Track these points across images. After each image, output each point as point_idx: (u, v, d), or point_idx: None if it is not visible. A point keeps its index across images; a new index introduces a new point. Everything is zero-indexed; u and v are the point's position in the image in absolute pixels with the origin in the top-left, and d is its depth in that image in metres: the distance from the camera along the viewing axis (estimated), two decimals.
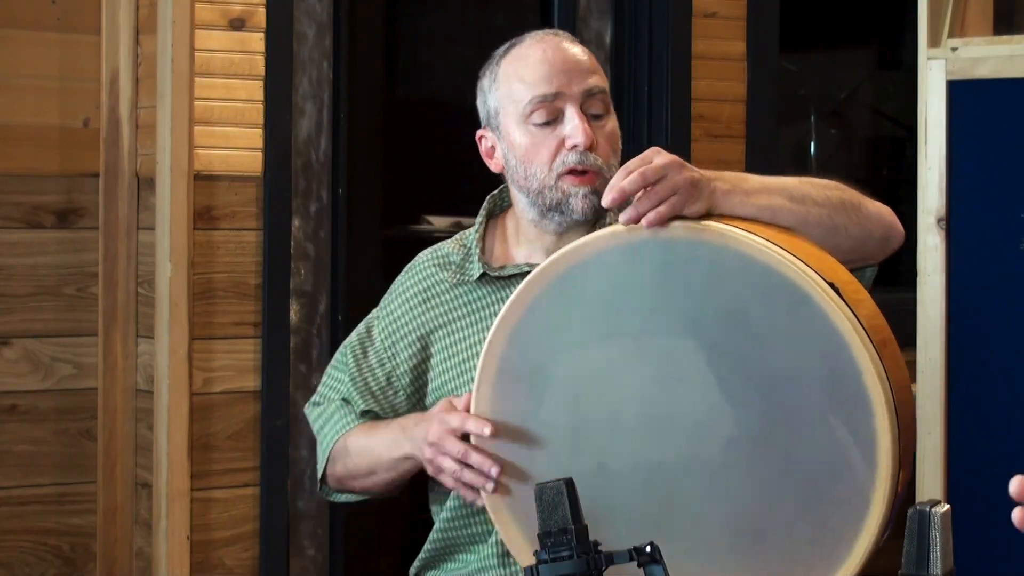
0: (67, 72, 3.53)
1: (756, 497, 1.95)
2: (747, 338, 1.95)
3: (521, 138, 2.28)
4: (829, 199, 2.15)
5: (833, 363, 1.90)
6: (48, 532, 3.54)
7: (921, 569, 1.75)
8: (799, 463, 1.93)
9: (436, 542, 2.37)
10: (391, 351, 2.38)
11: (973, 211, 3.18)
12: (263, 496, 3.59)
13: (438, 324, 2.36)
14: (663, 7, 4.10)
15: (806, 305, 1.91)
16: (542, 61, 2.27)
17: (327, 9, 3.74)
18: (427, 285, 2.39)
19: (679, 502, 1.98)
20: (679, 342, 1.98)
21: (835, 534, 1.92)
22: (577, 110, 2.26)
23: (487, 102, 2.35)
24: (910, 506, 1.82)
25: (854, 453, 1.90)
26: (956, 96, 3.18)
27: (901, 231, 2.27)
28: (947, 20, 3.21)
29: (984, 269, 3.17)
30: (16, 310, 3.50)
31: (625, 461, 2.00)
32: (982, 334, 3.18)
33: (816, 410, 1.92)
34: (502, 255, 2.37)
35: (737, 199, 2.06)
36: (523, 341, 2.05)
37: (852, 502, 1.91)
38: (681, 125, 4.10)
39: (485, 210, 2.41)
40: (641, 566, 1.73)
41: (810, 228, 2.10)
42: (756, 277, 1.93)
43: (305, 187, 3.71)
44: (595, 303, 2.02)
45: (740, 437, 1.95)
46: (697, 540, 1.97)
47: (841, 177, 2.29)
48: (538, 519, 1.73)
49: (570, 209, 2.26)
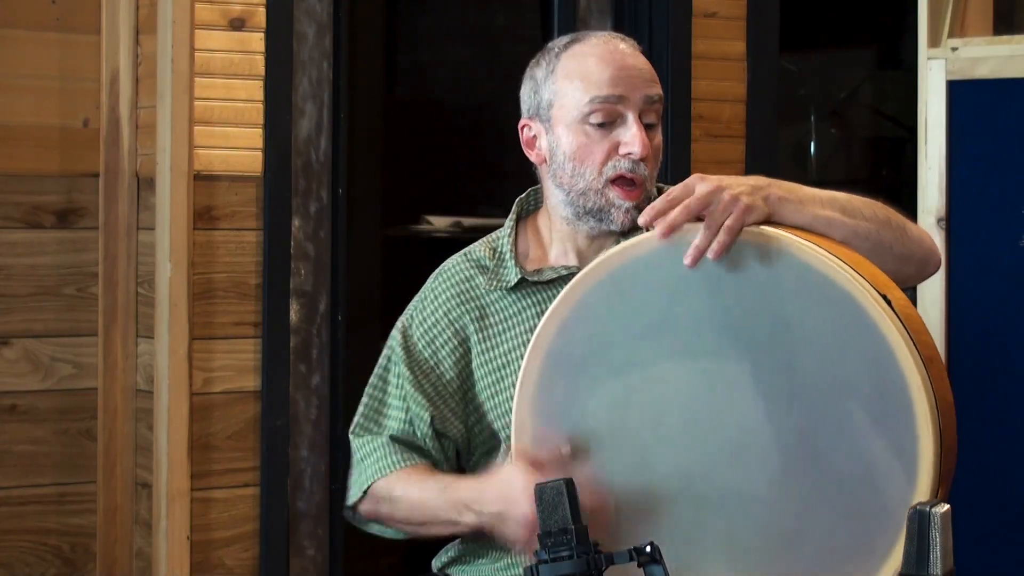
0: (67, 72, 3.53)
1: (794, 505, 1.94)
2: (796, 345, 1.94)
3: (575, 136, 2.27)
4: (876, 215, 2.15)
5: (881, 374, 1.90)
6: (48, 532, 3.54)
7: (921, 569, 1.75)
8: (839, 473, 1.92)
9: (470, 539, 2.35)
10: (436, 357, 2.35)
11: (973, 211, 3.18)
12: (263, 496, 3.59)
13: (476, 328, 2.34)
14: (663, 7, 4.10)
15: (858, 316, 1.91)
16: (610, 63, 2.26)
17: (327, 9, 3.74)
18: (464, 288, 2.36)
19: (717, 506, 1.98)
20: (728, 345, 1.97)
21: (871, 546, 1.91)
22: (636, 117, 2.25)
23: (539, 92, 2.32)
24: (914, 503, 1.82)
25: (895, 466, 1.90)
26: (956, 96, 3.18)
27: (939, 257, 2.29)
28: (947, 20, 3.21)
29: (984, 269, 3.16)
30: (16, 310, 3.50)
31: (666, 464, 2.00)
32: (982, 334, 3.17)
33: (860, 422, 1.91)
34: (536, 257, 2.35)
35: (792, 207, 2.06)
36: (572, 337, 2.04)
37: (890, 515, 1.90)
38: (681, 125, 4.10)
39: (515, 213, 2.39)
40: (641, 566, 1.73)
41: (860, 241, 2.10)
42: (809, 285, 1.93)
43: (305, 187, 3.71)
44: (646, 302, 2.01)
45: (781, 445, 1.95)
46: (732, 545, 1.97)
47: (841, 177, 2.29)
48: (538, 519, 1.73)
49: (610, 219, 2.26)
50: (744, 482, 1.96)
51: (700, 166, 4.07)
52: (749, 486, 1.96)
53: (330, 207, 3.74)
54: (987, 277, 3.17)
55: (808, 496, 1.94)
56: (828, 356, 1.93)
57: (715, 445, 1.97)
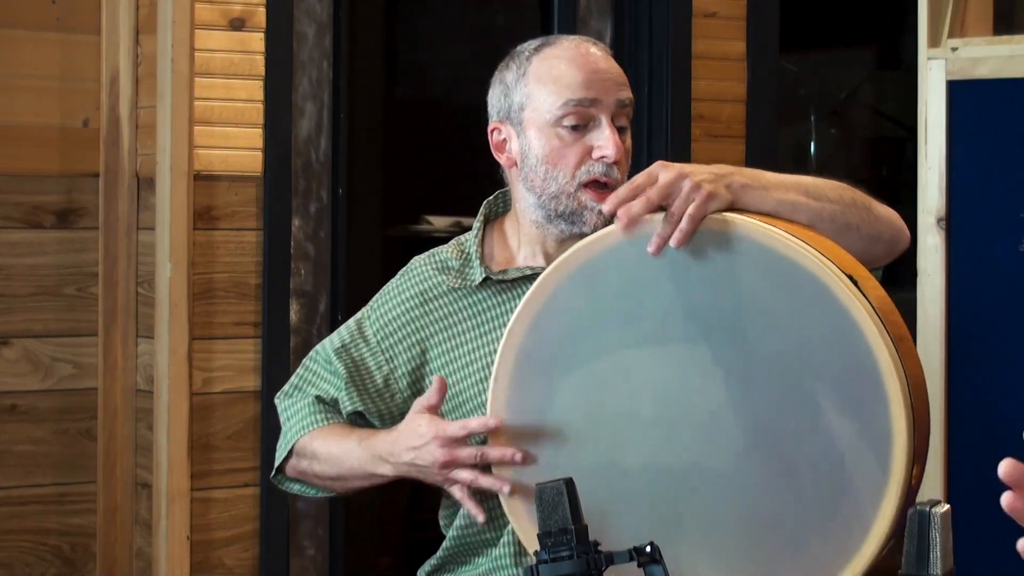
0: (67, 72, 3.53)
1: (770, 489, 1.95)
2: (765, 329, 1.95)
3: (547, 139, 2.27)
4: (842, 197, 2.16)
5: (850, 355, 1.91)
6: (48, 532, 3.54)
7: (921, 569, 1.75)
8: (814, 454, 1.93)
9: (449, 548, 2.36)
10: (388, 353, 2.36)
11: (973, 211, 3.18)
12: (263, 496, 3.59)
13: (437, 328, 2.34)
14: (663, 7, 4.10)
15: (825, 297, 1.92)
16: (582, 66, 2.26)
17: (327, 9, 3.74)
18: (425, 288, 2.36)
19: (693, 493, 1.99)
20: (697, 332, 1.98)
21: (848, 526, 1.92)
22: (609, 121, 2.25)
23: (510, 95, 2.31)
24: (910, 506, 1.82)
25: (869, 445, 1.91)
26: (956, 96, 3.18)
27: (907, 236, 2.29)
28: (947, 20, 3.21)
29: (984, 269, 3.16)
30: (16, 310, 3.50)
31: (640, 452, 2.01)
32: (982, 334, 3.17)
33: (831, 402, 1.92)
34: (503, 259, 2.36)
35: (756, 193, 2.07)
36: (544, 331, 2.05)
37: (866, 494, 1.91)
38: (681, 125, 4.10)
39: (482, 215, 2.39)
40: (641, 566, 1.73)
41: (825, 224, 2.11)
42: (776, 269, 1.94)
43: (305, 187, 3.71)
44: (615, 294, 2.02)
45: (755, 428, 1.96)
46: (710, 531, 1.98)
47: (841, 177, 2.29)
48: (538, 519, 1.74)
49: (582, 222, 2.26)
50: (719, 466, 1.97)
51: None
52: (724, 470, 1.97)
53: (330, 207, 3.74)
54: (987, 277, 3.17)
55: (784, 477, 1.95)
56: (797, 338, 1.94)
57: (689, 431, 1.99)
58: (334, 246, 3.75)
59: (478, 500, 2.16)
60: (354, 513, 3.91)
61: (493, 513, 2.23)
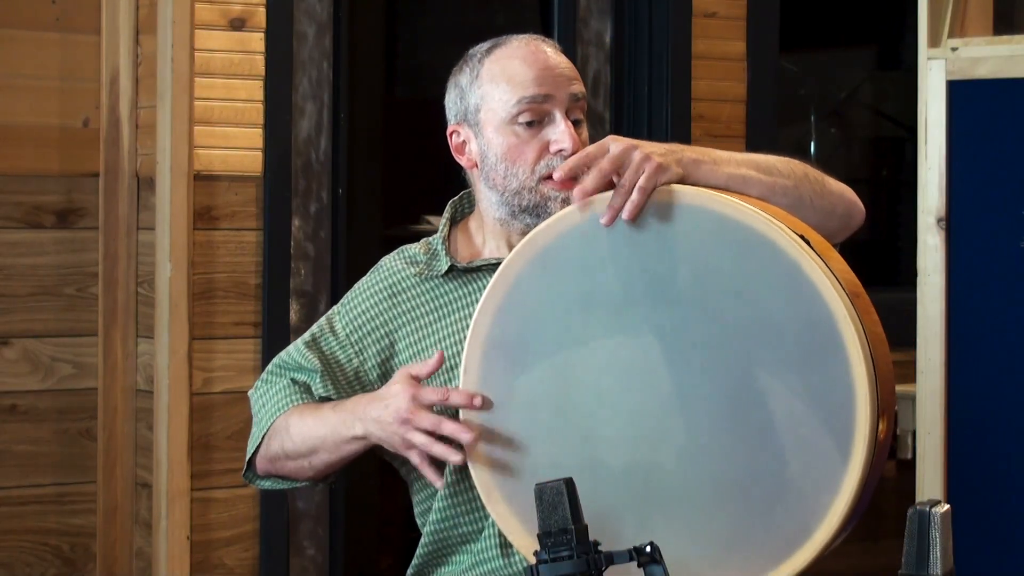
0: (67, 72, 3.53)
1: (739, 450, 1.97)
2: (721, 294, 1.98)
3: (504, 137, 2.30)
4: (794, 171, 2.19)
5: (806, 311, 1.93)
6: (48, 532, 3.54)
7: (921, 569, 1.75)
8: (779, 413, 1.95)
9: (427, 546, 2.36)
10: (358, 346, 2.37)
11: (973, 211, 3.18)
12: (263, 496, 3.59)
13: (405, 320, 2.36)
14: (663, 7, 4.10)
15: (777, 256, 1.94)
16: (533, 63, 2.29)
17: (327, 9, 3.74)
18: (393, 281, 2.39)
19: (664, 460, 2.00)
20: (656, 305, 2.01)
21: (818, 482, 1.93)
22: (564, 115, 2.28)
23: (465, 98, 2.35)
24: (910, 506, 1.82)
25: (831, 399, 1.92)
26: (956, 96, 3.18)
27: (862, 210, 2.31)
28: (947, 20, 3.21)
29: (984, 269, 3.17)
30: (16, 310, 3.50)
31: (611, 428, 2.03)
32: (982, 334, 3.18)
33: (792, 359, 1.94)
34: (468, 254, 2.39)
35: (707, 168, 2.09)
36: (507, 321, 2.07)
37: (833, 449, 1.92)
38: (681, 125, 4.10)
39: (447, 215, 2.43)
40: (641, 566, 1.73)
41: (777, 198, 2.13)
42: (728, 234, 1.97)
43: (305, 187, 3.71)
44: (574, 276, 2.05)
45: (719, 391, 1.97)
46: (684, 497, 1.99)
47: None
48: (538, 519, 1.74)
49: (547, 213, 2.27)
50: (690, 437, 1.99)
51: None
52: (695, 440, 1.99)
53: (330, 207, 3.75)
54: (987, 277, 3.17)
55: (753, 440, 1.96)
56: (755, 300, 1.96)
57: (657, 404, 2.01)
58: (334, 246, 3.75)
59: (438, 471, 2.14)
60: (354, 513, 3.91)
61: (473, 504, 2.24)
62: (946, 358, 3.18)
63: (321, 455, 2.29)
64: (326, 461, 2.30)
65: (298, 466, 2.34)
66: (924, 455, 3.18)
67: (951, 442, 3.17)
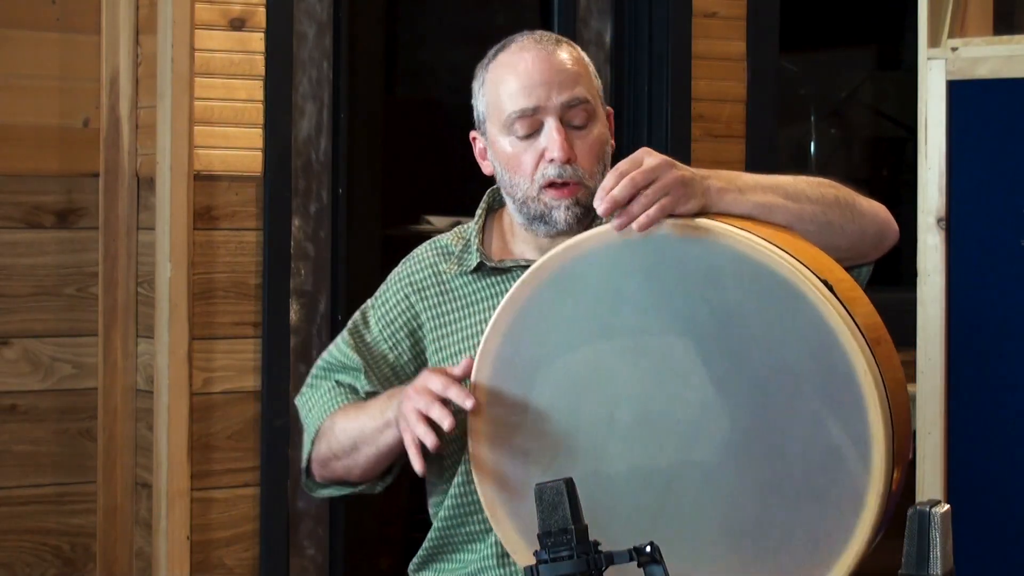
0: (67, 72, 3.53)
1: (750, 495, 1.96)
2: (741, 336, 1.95)
3: (505, 147, 2.29)
4: (823, 196, 2.15)
5: (826, 361, 1.91)
6: (48, 532, 3.54)
7: (921, 569, 1.75)
8: (793, 461, 1.94)
9: (434, 540, 2.36)
10: (391, 340, 2.37)
11: (973, 211, 3.18)
12: (263, 496, 3.59)
13: (432, 314, 2.36)
14: (663, 7, 4.10)
15: (799, 303, 1.92)
16: (523, 73, 2.27)
17: (327, 9, 3.74)
18: (424, 276, 2.38)
19: (674, 500, 1.99)
20: (674, 339, 1.98)
21: (829, 532, 1.92)
22: (556, 123, 2.24)
23: (477, 106, 2.36)
24: (910, 506, 1.82)
25: (848, 451, 1.91)
26: (956, 96, 3.18)
27: (895, 229, 2.27)
28: (947, 20, 3.21)
29: (984, 269, 3.16)
30: (16, 310, 3.50)
31: (620, 459, 2.01)
32: (982, 334, 3.17)
33: (809, 408, 1.93)
34: (500, 249, 2.37)
35: (732, 196, 2.06)
36: (518, 339, 2.05)
37: (846, 500, 1.91)
38: (681, 125, 4.10)
39: (485, 203, 2.42)
40: (641, 566, 1.73)
41: (805, 225, 2.10)
42: (750, 275, 1.94)
43: (305, 187, 3.71)
44: (589, 301, 2.02)
45: (734, 435, 1.96)
46: (692, 538, 1.98)
47: (841, 177, 2.29)
48: (538, 519, 1.74)
49: (553, 220, 2.27)
50: (700, 474, 1.97)
51: (700, 166, 4.06)
52: (705, 475, 1.97)
53: (330, 207, 3.75)
54: (987, 277, 3.17)
55: (764, 484, 1.95)
56: (773, 344, 1.94)
57: (669, 438, 1.99)
58: (334, 246, 3.75)
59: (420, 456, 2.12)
60: (354, 513, 3.91)
61: (478, 506, 2.22)
62: (946, 358, 3.18)
63: (363, 449, 2.28)
64: (368, 455, 2.28)
65: (345, 466, 2.33)
66: (924, 455, 3.18)
67: (951, 442, 3.17)
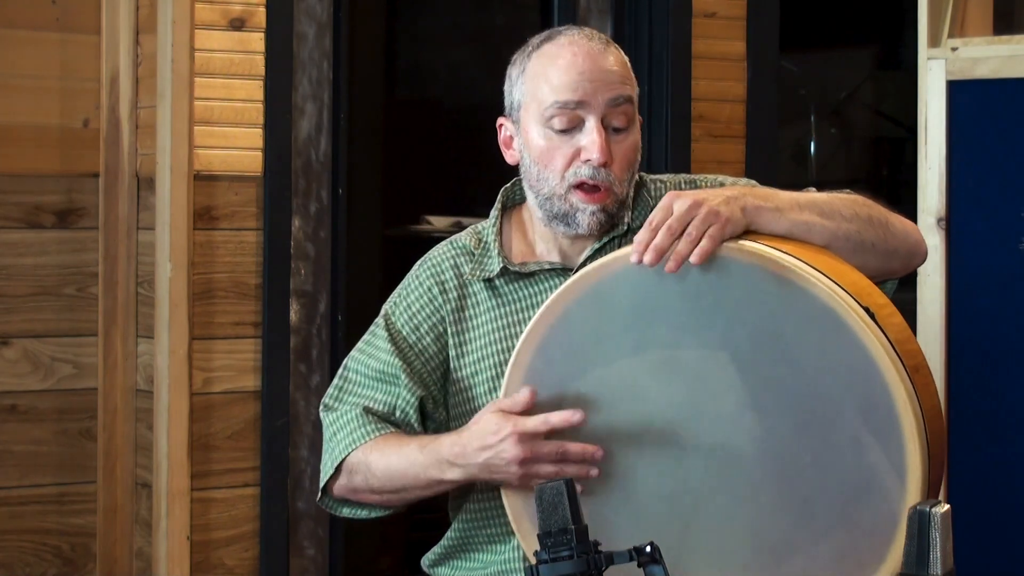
0: (67, 72, 3.53)
1: (781, 517, 1.94)
2: (779, 358, 1.94)
3: (539, 139, 2.25)
4: (858, 215, 2.14)
5: (865, 389, 1.90)
6: (48, 532, 3.54)
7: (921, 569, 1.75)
8: (827, 485, 1.92)
9: (453, 538, 2.34)
10: (418, 347, 2.32)
11: (973, 211, 3.18)
12: (263, 496, 3.59)
13: (457, 317, 2.32)
14: (663, 7, 4.10)
15: (840, 330, 1.90)
16: (571, 66, 2.23)
17: (327, 9, 3.74)
18: (445, 278, 2.33)
19: (703, 518, 1.98)
20: (710, 359, 1.97)
21: (860, 559, 1.91)
22: (598, 123, 2.21)
23: (512, 92, 2.30)
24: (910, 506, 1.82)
25: (883, 479, 1.90)
26: (956, 96, 3.18)
27: (926, 248, 2.27)
28: (947, 20, 3.21)
29: (984, 269, 3.17)
30: (16, 310, 3.50)
31: (649, 476, 2.00)
32: (982, 334, 3.17)
33: (846, 434, 1.91)
34: (520, 251, 2.33)
35: (770, 215, 2.05)
36: (551, 354, 2.04)
37: (879, 528, 1.90)
38: (681, 125, 4.10)
39: (500, 203, 2.37)
40: (641, 566, 1.73)
41: (840, 243, 2.09)
42: (790, 299, 1.92)
43: (305, 187, 3.71)
44: (626, 318, 2.01)
45: (768, 456, 1.94)
46: (719, 558, 1.97)
47: (841, 177, 2.28)
48: (538, 519, 1.73)
49: (576, 223, 2.24)
50: (731, 496, 1.96)
51: (700, 166, 4.07)
52: (735, 498, 1.96)
53: (330, 207, 3.74)
54: (987, 277, 3.17)
55: (796, 510, 1.93)
56: (812, 370, 1.92)
57: (700, 459, 1.97)
58: (334, 246, 3.75)
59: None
60: None
61: (501, 510, 2.20)
62: (946, 358, 3.18)
63: (413, 492, 2.25)
64: (418, 497, 2.26)
65: (385, 500, 2.30)
66: None
67: (951, 442, 3.17)
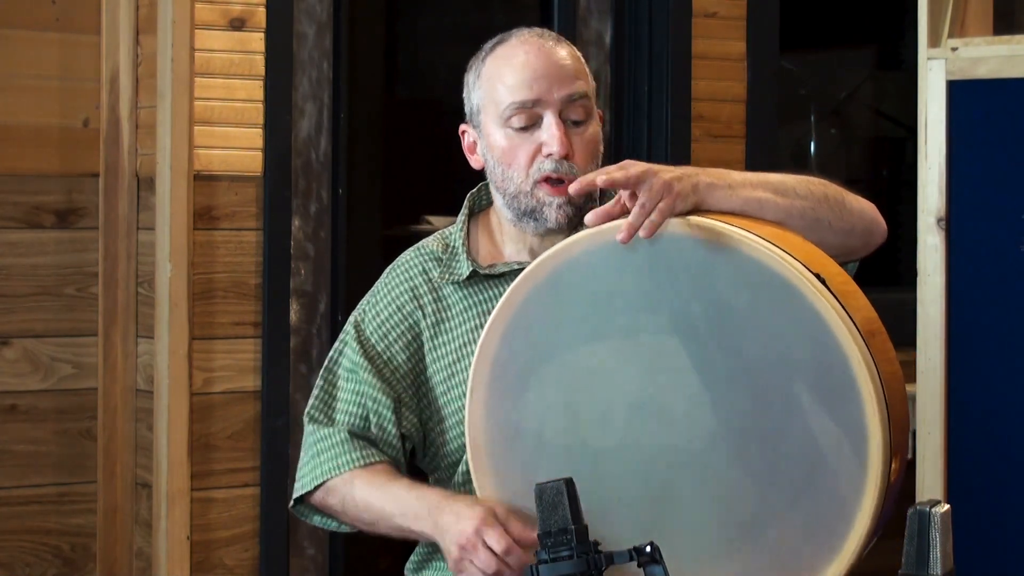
0: (67, 72, 3.53)
1: (748, 489, 1.96)
2: (735, 331, 1.96)
3: (500, 140, 2.29)
4: (812, 192, 2.16)
5: (820, 353, 1.91)
6: (48, 532, 3.54)
7: (921, 569, 1.75)
8: (789, 454, 1.94)
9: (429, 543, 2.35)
10: (388, 352, 2.34)
11: (973, 211, 3.18)
12: (263, 496, 3.59)
13: (431, 322, 2.34)
14: (663, 7, 4.10)
15: (792, 297, 1.92)
16: (524, 65, 2.27)
17: (327, 9, 3.74)
18: (416, 283, 2.35)
19: (673, 496, 1.99)
20: (668, 338, 1.99)
21: (828, 524, 1.92)
22: (555, 118, 2.25)
23: (471, 98, 2.35)
24: (910, 506, 1.82)
25: (844, 443, 1.91)
26: (956, 96, 3.18)
27: (884, 227, 2.27)
28: (947, 20, 3.21)
29: (984, 269, 3.17)
30: (16, 310, 3.50)
31: (618, 458, 2.01)
32: (982, 334, 3.18)
33: (805, 401, 1.93)
34: (488, 253, 2.36)
35: (722, 193, 2.07)
36: (515, 342, 2.06)
37: (844, 492, 1.92)
38: (681, 125, 4.10)
39: (466, 208, 2.40)
40: (641, 566, 1.73)
41: (794, 221, 2.11)
42: (742, 271, 1.95)
43: (305, 187, 3.71)
44: (585, 302, 2.03)
45: (731, 430, 1.96)
46: (691, 533, 1.98)
47: (841, 177, 2.29)
48: (538, 519, 1.74)
49: (544, 218, 2.26)
50: (698, 469, 1.98)
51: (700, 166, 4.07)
52: (703, 472, 1.98)
53: (330, 207, 3.75)
54: (987, 278, 3.17)
55: (762, 481, 1.95)
56: (768, 339, 1.94)
57: (666, 436, 1.99)
58: (334, 246, 3.75)
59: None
60: None
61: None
62: (946, 358, 3.18)
63: (382, 526, 2.27)
64: (386, 533, 2.27)
65: (354, 522, 2.32)
66: (924, 455, 3.18)
67: (951, 442, 3.17)
